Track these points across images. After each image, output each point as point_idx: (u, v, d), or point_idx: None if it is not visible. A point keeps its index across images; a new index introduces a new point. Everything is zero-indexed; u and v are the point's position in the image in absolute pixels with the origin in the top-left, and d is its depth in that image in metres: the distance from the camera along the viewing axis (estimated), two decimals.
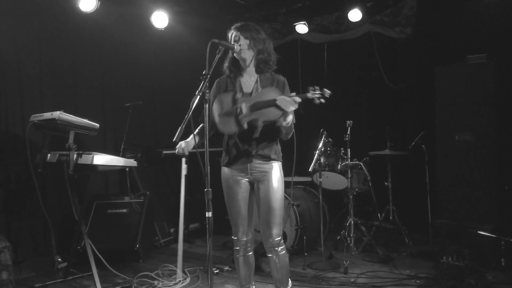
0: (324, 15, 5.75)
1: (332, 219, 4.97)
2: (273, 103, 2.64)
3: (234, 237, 2.97)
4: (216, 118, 2.88)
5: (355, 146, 4.54)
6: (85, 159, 3.45)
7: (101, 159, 3.48)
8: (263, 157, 2.85)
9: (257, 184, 2.89)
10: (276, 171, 2.86)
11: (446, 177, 4.37)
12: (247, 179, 2.91)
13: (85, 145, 4.56)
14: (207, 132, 2.58)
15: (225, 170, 2.98)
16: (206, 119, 2.59)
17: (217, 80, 3.03)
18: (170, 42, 5.47)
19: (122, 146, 4.87)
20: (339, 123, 4.58)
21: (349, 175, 4.52)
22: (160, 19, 5.05)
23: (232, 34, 2.90)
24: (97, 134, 3.76)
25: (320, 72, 6.11)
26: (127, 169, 4.86)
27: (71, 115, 3.52)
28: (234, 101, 2.85)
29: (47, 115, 3.52)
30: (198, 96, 2.54)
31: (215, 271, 4.09)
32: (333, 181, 4.79)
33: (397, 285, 3.72)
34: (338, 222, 5.07)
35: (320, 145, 4.57)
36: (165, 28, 5.13)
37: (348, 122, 4.42)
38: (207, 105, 2.58)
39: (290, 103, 2.59)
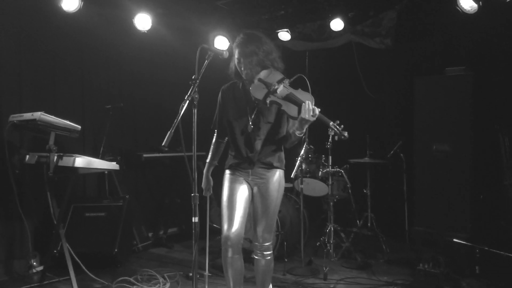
0: (306, 23, 5.80)
1: (312, 225, 5.01)
2: (300, 104, 2.64)
3: (225, 233, 2.83)
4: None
5: (336, 153, 4.60)
6: (66, 161, 3.40)
7: (82, 161, 3.43)
8: (266, 164, 2.91)
9: (256, 188, 2.93)
10: (276, 178, 2.92)
11: (423, 185, 4.47)
12: (248, 182, 2.95)
13: (63, 147, 4.48)
14: (195, 138, 2.59)
15: (227, 172, 3.04)
16: (195, 124, 2.59)
17: (222, 88, 3.08)
18: (153, 44, 5.43)
19: (102, 149, 4.80)
20: (320, 131, 4.62)
21: (330, 182, 4.58)
22: (143, 21, 4.99)
23: (234, 49, 2.91)
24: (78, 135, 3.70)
25: (301, 79, 6.15)
26: (106, 172, 4.79)
27: (53, 116, 3.46)
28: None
29: (28, 115, 3.45)
30: (187, 101, 2.54)
31: None
32: (314, 187, 4.84)
33: None
34: (317, 229, 5.12)
35: (302, 152, 4.60)
36: (148, 30, 5.07)
37: (330, 129, 4.47)
38: (195, 110, 2.59)
39: (310, 113, 2.60)
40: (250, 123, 2.87)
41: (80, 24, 4.69)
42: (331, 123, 2.70)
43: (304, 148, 4.63)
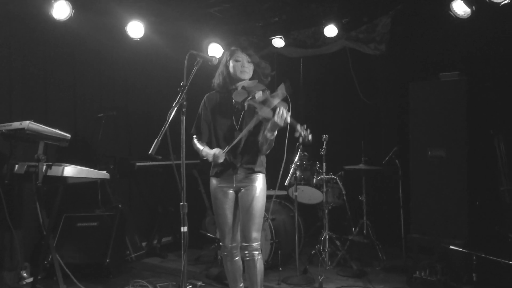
0: (300, 30, 5.78)
1: (306, 233, 4.96)
2: (275, 109, 2.77)
3: (222, 243, 3.16)
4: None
5: (331, 160, 4.56)
6: (55, 170, 3.35)
7: (71, 171, 3.38)
8: (248, 169, 3.05)
9: (241, 193, 3.07)
10: (259, 182, 3.06)
11: (419, 192, 4.42)
12: (232, 190, 3.10)
13: (55, 156, 4.43)
14: (183, 145, 2.55)
15: (213, 181, 3.19)
16: (183, 131, 2.55)
17: (207, 95, 3.20)
18: (145, 52, 5.40)
19: (94, 158, 4.75)
20: (314, 137, 4.57)
21: (324, 189, 4.53)
22: (135, 29, 4.97)
23: (234, 53, 3.07)
24: (68, 144, 3.65)
25: (296, 86, 6.14)
26: (99, 181, 4.73)
27: (41, 125, 3.41)
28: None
29: (16, 124, 3.40)
30: (175, 108, 2.51)
31: (188, 287, 4.00)
32: (308, 195, 4.79)
33: None
34: (313, 236, 5.06)
35: (296, 159, 4.56)
36: (141, 38, 5.05)
37: (324, 136, 4.44)
38: (183, 117, 2.55)
39: (282, 118, 2.74)
40: (237, 129, 3.01)
41: (71, 32, 4.66)
42: (298, 125, 2.77)
43: (298, 155, 4.59)
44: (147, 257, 5.12)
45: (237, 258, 3.16)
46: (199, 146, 3.18)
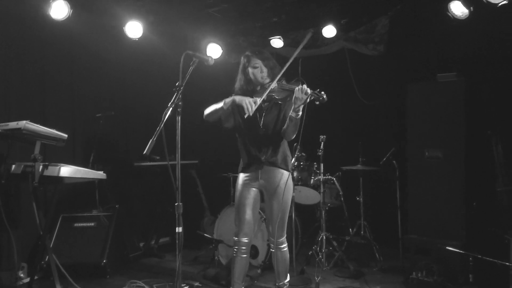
0: (299, 30, 5.78)
1: (304, 234, 4.95)
2: (293, 90, 2.95)
3: (235, 237, 3.30)
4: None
5: (328, 160, 4.56)
6: (51, 170, 3.34)
7: (68, 171, 3.38)
8: (272, 164, 3.22)
9: (265, 191, 3.29)
10: (283, 179, 3.22)
11: (416, 192, 4.42)
12: (256, 187, 3.29)
13: (53, 156, 4.42)
14: (178, 146, 2.55)
15: (240, 175, 3.34)
16: (178, 132, 2.55)
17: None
18: (144, 52, 5.40)
19: (92, 158, 4.75)
20: (312, 138, 4.59)
21: (322, 190, 4.53)
22: (134, 29, 4.97)
23: (250, 59, 3.23)
24: (66, 145, 3.65)
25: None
26: (96, 181, 4.73)
27: (38, 125, 3.41)
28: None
29: (13, 124, 3.40)
30: (171, 108, 2.51)
31: (185, 287, 4.00)
32: (306, 195, 4.79)
33: None
34: (310, 237, 5.05)
35: (293, 159, 4.57)
36: (139, 38, 5.05)
37: (321, 137, 4.45)
38: (179, 117, 2.55)
39: (303, 90, 2.92)
40: (261, 125, 3.21)
41: (69, 32, 4.67)
42: (311, 91, 2.95)
43: (295, 155, 4.59)
44: (145, 257, 5.12)
45: (245, 255, 3.30)
46: (215, 104, 3.22)
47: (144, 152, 2.37)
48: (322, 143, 4.45)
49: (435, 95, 4.34)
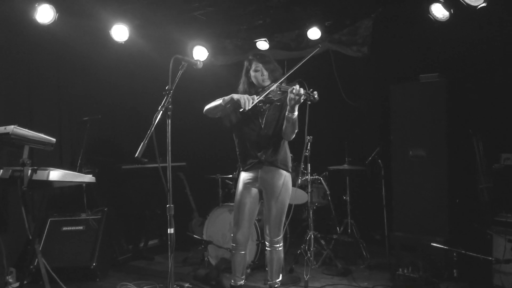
0: (284, 33, 5.85)
1: (292, 234, 5.01)
2: (287, 89, 3.07)
3: (233, 235, 3.44)
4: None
5: (315, 161, 4.63)
6: (40, 175, 3.33)
7: (57, 174, 3.37)
8: (272, 163, 3.32)
9: (264, 191, 3.38)
10: (282, 181, 3.34)
11: (401, 191, 4.51)
12: (257, 187, 3.39)
13: (40, 161, 4.41)
14: (169, 148, 2.59)
15: (242, 174, 3.45)
16: (169, 134, 2.59)
17: None
18: (130, 55, 5.41)
19: (79, 161, 4.74)
20: (299, 138, 4.65)
21: (309, 190, 4.60)
22: (120, 32, 4.98)
23: (252, 63, 3.37)
24: (53, 149, 3.64)
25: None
26: (84, 184, 4.73)
27: (26, 130, 3.39)
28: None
29: (1, 129, 3.37)
30: (161, 112, 2.55)
31: None
32: (294, 195, 4.81)
33: None
34: (298, 236, 5.12)
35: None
36: (126, 41, 5.06)
37: (308, 137, 4.51)
38: (169, 121, 2.59)
39: (296, 91, 3.00)
40: (262, 126, 3.32)
41: (55, 36, 4.66)
42: (304, 91, 3.04)
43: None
44: (134, 260, 5.13)
45: (243, 252, 3.45)
46: (215, 101, 3.33)
47: (136, 155, 2.40)
48: (309, 143, 4.52)
49: (418, 96, 4.45)
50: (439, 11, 4.43)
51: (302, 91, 3.00)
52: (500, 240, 3.78)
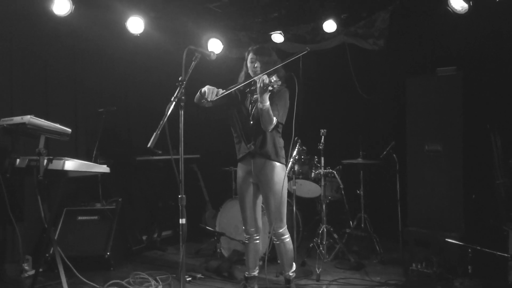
0: (299, 25, 5.81)
1: (305, 227, 5.01)
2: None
3: (244, 227, 3.54)
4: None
5: (329, 154, 4.60)
6: (55, 164, 3.38)
7: (72, 164, 3.41)
8: (263, 156, 3.33)
9: (260, 184, 3.40)
10: (276, 172, 3.35)
11: (416, 185, 4.46)
12: (252, 181, 3.43)
13: (55, 151, 4.46)
14: (181, 139, 2.59)
15: (238, 167, 3.51)
16: (181, 125, 2.60)
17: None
18: (145, 47, 5.44)
19: (95, 152, 4.79)
20: (313, 132, 4.64)
21: (323, 183, 4.58)
22: (135, 24, 5.01)
23: (249, 54, 3.42)
24: (69, 139, 3.69)
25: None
26: (99, 175, 4.78)
27: (42, 120, 3.44)
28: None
29: (17, 119, 3.43)
30: (174, 103, 2.55)
31: (188, 279, 4.06)
32: (307, 189, 4.84)
33: None
34: (311, 230, 5.11)
35: (294, 153, 4.61)
36: (141, 33, 5.09)
37: (322, 131, 4.49)
38: (182, 112, 2.59)
39: (260, 81, 3.03)
40: (250, 118, 3.35)
41: (71, 27, 4.70)
42: (268, 80, 3.02)
43: (296, 149, 4.64)
44: (147, 250, 5.18)
45: (257, 242, 3.54)
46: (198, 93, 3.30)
47: (148, 145, 2.41)
48: (323, 137, 4.49)
49: (434, 89, 4.38)
50: (458, 3, 4.36)
51: (266, 80, 3.00)
52: None
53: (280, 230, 3.41)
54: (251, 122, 3.34)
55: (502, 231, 3.88)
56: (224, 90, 3.19)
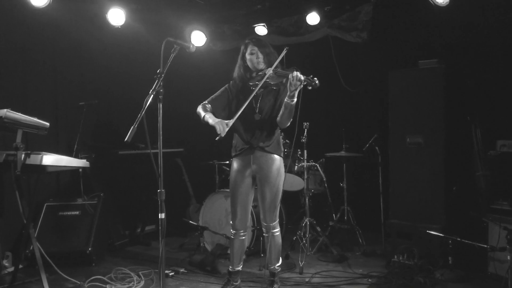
0: (283, 18, 5.78)
1: (289, 220, 5.01)
2: (287, 75, 3.01)
3: (232, 222, 3.50)
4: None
5: (312, 147, 4.60)
6: (33, 159, 3.33)
7: (50, 159, 3.37)
8: (264, 150, 3.33)
9: (258, 176, 3.39)
10: (275, 165, 3.35)
11: (398, 178, 4.48)
12: (249, 173, 3.39)
13: (36, 145, 4.40)
14: (160, 133, 2.56)
15: (233, 162, 3.46)
16: (160, 119, 2.56)
17: (231, 82, 3.47)
18: (127, 40, 5.36)
19: (76, 146, 4.72)
20: (296, 125, 4.62)
21: (306, 176, 4.58)
22: (116, 16, 4.93)
23: (248, 46, 3.35)
24: (49, 133, 3.63)
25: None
26: (80, 169, 4.72)
27: (19, 113, 3.38)
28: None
29: None
30: (152, 95, 2.52)
31: (170, 274, 4.04)
32: (290, 182, 4.84)
33: (350, 284, 3.80)
34: (295, 223, 5.12)
35: None
36: (122, 25, 5.01)
37: (305, 124, 4.48)
38: (160, 105, 2.56)
39: (297, 77, 2.97)
40: (257, 111, 3.32)
41: (51, 19, 4.62)
42: (305, 77, 3.01)
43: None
44: (131, 245, 5.15)
45: (242, 238, 3.50)
46: (201, 111, 3.31)
47: (126, 139, 2.38)
48: (306, 130, 4.49)
49: (416, 82, 4.39)
50: None
51: (302, 77, 2.98)
52: (496, 228, 3.77)
53: (273, 224, 3.41)
54: (259, 116, 3.32)
55: (481, 222, 3.93)
56: (231, 120, 3.09)
